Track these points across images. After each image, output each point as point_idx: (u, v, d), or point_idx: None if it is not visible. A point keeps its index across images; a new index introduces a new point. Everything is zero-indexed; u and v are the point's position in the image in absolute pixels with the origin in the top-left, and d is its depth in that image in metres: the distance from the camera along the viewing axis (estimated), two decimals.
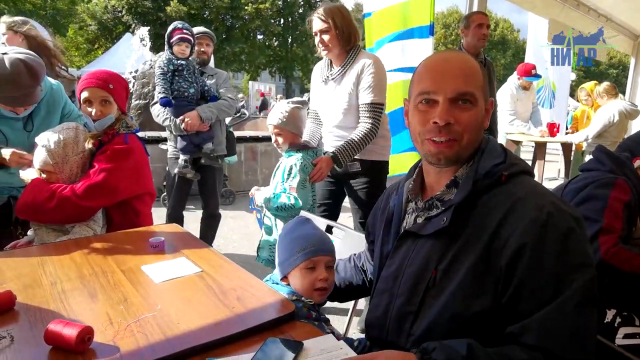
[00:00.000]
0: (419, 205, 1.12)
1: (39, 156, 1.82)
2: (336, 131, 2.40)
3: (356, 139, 2.23)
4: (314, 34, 2.29)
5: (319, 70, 2.47)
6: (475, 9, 3.78)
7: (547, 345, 0.86)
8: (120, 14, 21.47)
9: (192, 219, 4.09)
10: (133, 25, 20.61)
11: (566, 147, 5.54)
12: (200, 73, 3.15)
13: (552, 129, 5.29)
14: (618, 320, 1.53)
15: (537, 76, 5.23)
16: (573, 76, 7.88)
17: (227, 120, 4.79)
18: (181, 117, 2.94)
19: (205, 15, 21.66)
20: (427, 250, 1.03)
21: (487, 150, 1.04)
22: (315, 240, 1.29)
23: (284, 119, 2.15)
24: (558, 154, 5.68)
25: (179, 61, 2.94)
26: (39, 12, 21.20)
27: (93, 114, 1.89)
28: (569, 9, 5.32)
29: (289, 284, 1.32)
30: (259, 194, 2.18)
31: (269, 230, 2.23)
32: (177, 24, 2.98)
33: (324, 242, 1.31)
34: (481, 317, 0.93)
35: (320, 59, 2.46)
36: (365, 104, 2.25)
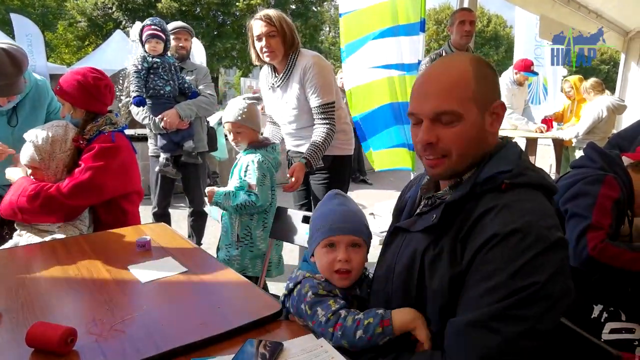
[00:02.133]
0: (424, 201, 1.13)
1: (26, 152, 1.81)
2: (295, 132, 2.44)
3: (320, 141, 2.24)
4: (256, 38, 2.22)
5: (264, 78, 2.47)
6: (466, 5, 3.78)
7: (455, 357, 0.89)
8: (110, 11, 21.20)
9: (182, 217, 4.07)
10: (123, 22, 20.42)
11: (557, 142, 5.58)
12: (179, 69, 3.12)
13: (548, 124, 5.34)
14: (605, 315, 1.54)
15: (535, 73, 5.27)
16: (564, 72, 7.92)
17: (217, 116, 4.76)
18: (160, 116, 2.91)
19: (196, 12, 21.49)
20: (414, 244, 1.03)
21: (498, 156, 1.00)
22: (335, 218, 1.19)
23: (243, 115, 2.11)
24: (549, 145, 5.71)
25: (153, 59, 2.90)
26: (28, 9, 20.96)
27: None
28: (559, 5, 5.34)
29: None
30: (217, 192, 2.12)
31: (225, 231, 2.21)
32: (146, 20, 2.94)
33: (345, 220, 1.19)
34: None
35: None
36: (316, 107, 2.26)
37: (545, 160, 7.79)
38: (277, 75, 2.36)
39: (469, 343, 0.86)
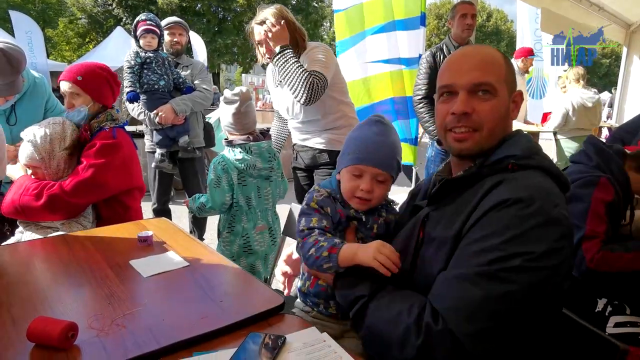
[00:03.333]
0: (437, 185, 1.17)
1: (25, 151, 1.79)
2: (301, 127, 2.41)
3: (301, 66, 2.09)
4: (257, 43, 2.20)
5: (271, 74, 2.44)
6: None
7: (436, 303, 0.91)
8: (110, 7, 21.14)
9: (183, 213, 4.07)
10: (124, 19, 20.36)
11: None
12: (174, 64, 3.11)
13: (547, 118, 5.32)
14: (609, 309, 1.54)
15: (537, 55, 5.27)
16: (565, 66, 7.89)
17: (218, 113, 4.74)
18: (155, 111, 2.91)
19: (197, 8, 21.42)
20: (417, 216, 1.10)
21: (509, 142, 1.04)
22: (366, 147, 1.17)
23: (228, 125, 2.10)
24: (551, 140, 5.72)
25: (146, 54, 2.90)
26: (28, 6, 20.91)
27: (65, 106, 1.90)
28: None
29: None
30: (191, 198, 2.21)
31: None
32: (140, 16, 2.95)
33: (376, 153, 1.16)
34: None
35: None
36: (311, 70, 2.10)
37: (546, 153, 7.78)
38: None
39: (451, 292, 0.89)
